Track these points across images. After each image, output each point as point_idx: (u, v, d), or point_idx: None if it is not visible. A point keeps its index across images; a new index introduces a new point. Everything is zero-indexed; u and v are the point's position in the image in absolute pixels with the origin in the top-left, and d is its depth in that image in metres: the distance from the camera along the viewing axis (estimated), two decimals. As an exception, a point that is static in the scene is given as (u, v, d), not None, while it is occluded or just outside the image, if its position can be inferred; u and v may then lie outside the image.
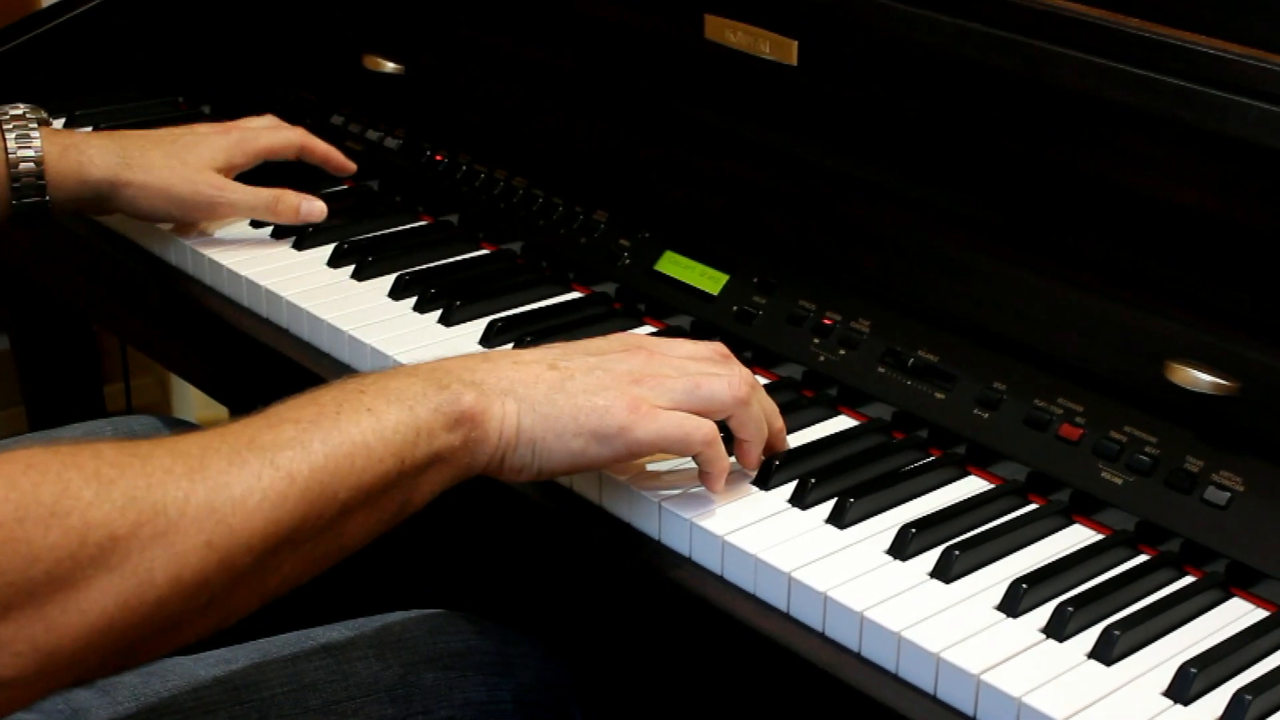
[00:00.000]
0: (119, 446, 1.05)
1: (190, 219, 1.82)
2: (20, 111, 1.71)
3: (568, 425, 1.27)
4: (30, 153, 1.68)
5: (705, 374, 1.33)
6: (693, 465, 1.36)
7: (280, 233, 1.85)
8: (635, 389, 1.29)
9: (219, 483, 1.06)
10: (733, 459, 1.37)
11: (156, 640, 1.06)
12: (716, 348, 1.40)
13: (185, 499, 1.04)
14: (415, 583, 1.42)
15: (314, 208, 1.83)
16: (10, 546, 0.96)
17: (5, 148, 1.68)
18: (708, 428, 1.31)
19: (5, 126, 1.69)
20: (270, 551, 1.09)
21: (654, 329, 1.66)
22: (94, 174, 1.72)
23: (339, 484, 1.13)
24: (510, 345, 1.59)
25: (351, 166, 1.94)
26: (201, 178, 1.77)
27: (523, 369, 1.28)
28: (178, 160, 1.77)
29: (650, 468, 1.40)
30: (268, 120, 1.91)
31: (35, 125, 1.70)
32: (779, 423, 1.40)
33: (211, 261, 1.79)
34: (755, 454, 1.37)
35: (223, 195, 1.78)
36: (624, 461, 1.33)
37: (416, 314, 1.68)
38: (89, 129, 2.08)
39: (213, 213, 1.80)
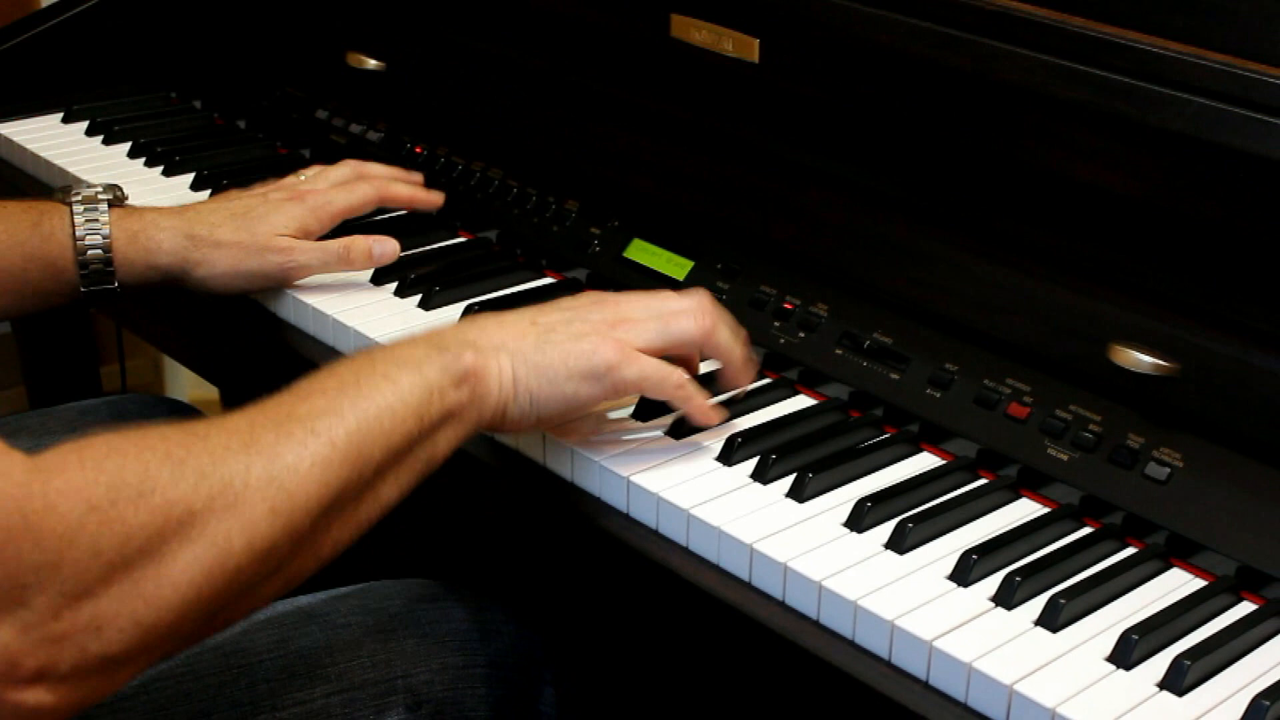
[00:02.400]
0: (179, 429, 1.07)
1: (266, 289, 1.68)
2: (93, 191, 1.61)
3: (559, 371, 1.30)
4: (98, 239, 1.58)
5: (671, 312, 1.36)
6: (657, 432, 1.40)
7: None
8: (613, 332, 1.32)
9: (273, 453, 1.09)
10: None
11: (235, 606, 1.08)
12: (671, 294, 1.42)
13: (247, 470, 1.06)
14: (397, 553, 1.41)
15: (386, 249, 1.69)
16: (108, 527, 0.98)
17: (73, 234, 1.58)
18: (679, 373, 1.35)
19: (75, 209, 1.59)
20: (323, 513, 1.11)
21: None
22: (162, 260, 1.61)
23: (373, 445, 1.15)
24: (486, 328, 1.58)
25: (439, 199, 1.81)
26: (271, 244, 1.63)
27: (508, 327, 1.31)
28: (247, 234, 1.63)
29: (612, 415, 1.43)
30: (346, 171, 1.76)
31: (105, 207, 1.60)
32: (743, 332, 1.43)
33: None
34: (742, 373, 1.42)
35: (291, 259, 1.64)
36: (610, 399, 1.35)
37: (397, 299, 1.67)
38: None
39: (285, 280, 1.66)
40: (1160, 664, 1.14)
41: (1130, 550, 1.29)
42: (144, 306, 1.95)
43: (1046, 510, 1.34)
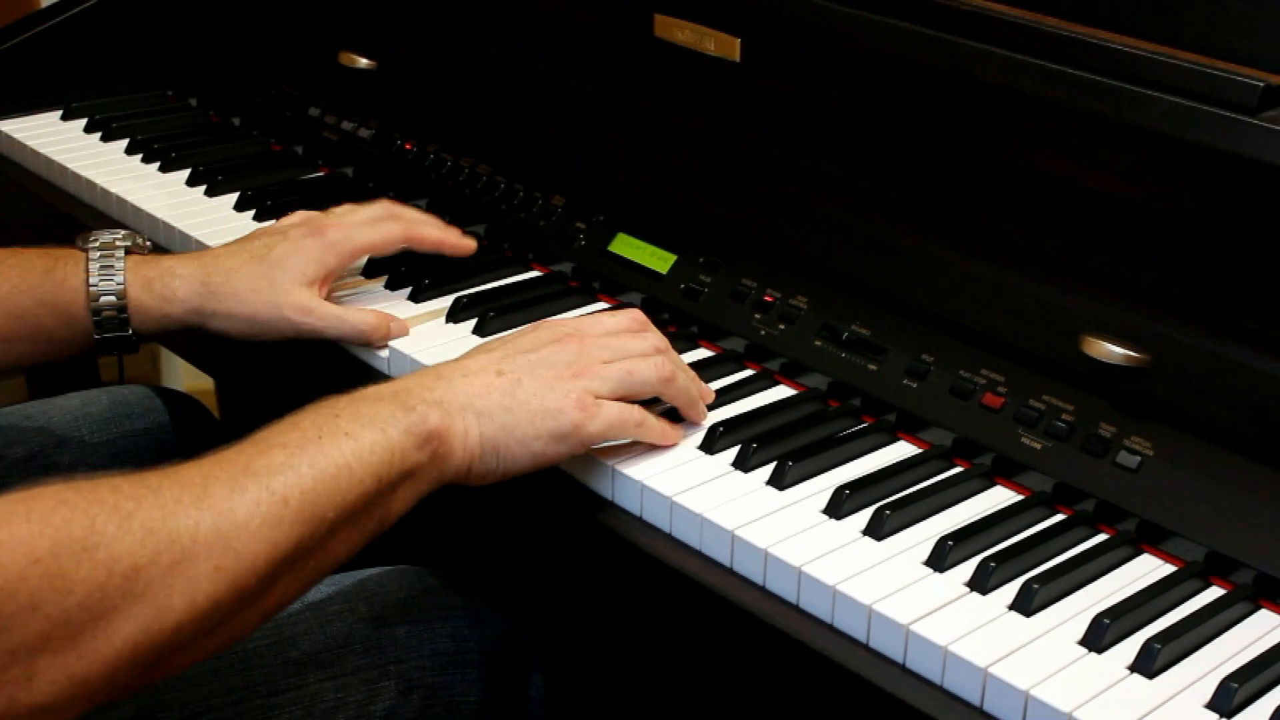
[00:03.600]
0: (131, 480, 1.05)
1: (280, 340, 1.57)
2: (111, 238, 1.55)
3: (527, 430, 1.28)
4: (111, 286, 1.50)
5: (634, 358, 1.35)
6: None
7: (262, 214, 1.82)
8: (578, 383, 1.31)
9: (223, 509, 1.06)
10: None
11: (172, 660, 1.05)
12: (634, 315, 1.42)
13: (195, 526, 1.03)
14: (389, 543, 1.41)
15: (403, 328, 1.58)
16: (49, 581, 0.96)
17: (87, 281, 1.51)
18: (637, 413, 1.34)
19: (90, 256, 1.53)
20: (271, 572, 1.08)
21: (608, 305, 1.66)
22: (177, 310, 1.53)
23: (327, 504, 1.12)
24: (474, 321, 1.59)
25: (472, 245, 1.67)
26: (288, 301, 1.53)
27: (473, 380, 1.28)
28: (266, 281, 1.53)
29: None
30: (377, 210, 1.63)
31: (122, 254, 1.53)
32: (698, 381, 1.44)
33: (199, 245, 1.76)
34: (696, 413, 1.41)
35: (308, 322, 1.54)
36: (576, 454, 1.33)
37: (388, 291, 1.67)
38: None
39: (299, 337, 1.55)
40: (1131, 647, 1.14)
41: (1102, 537, 1.29)
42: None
43: (1020, 498, 1.34)
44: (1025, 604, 1.18)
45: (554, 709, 1.49)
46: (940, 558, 1.23)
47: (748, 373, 1.52)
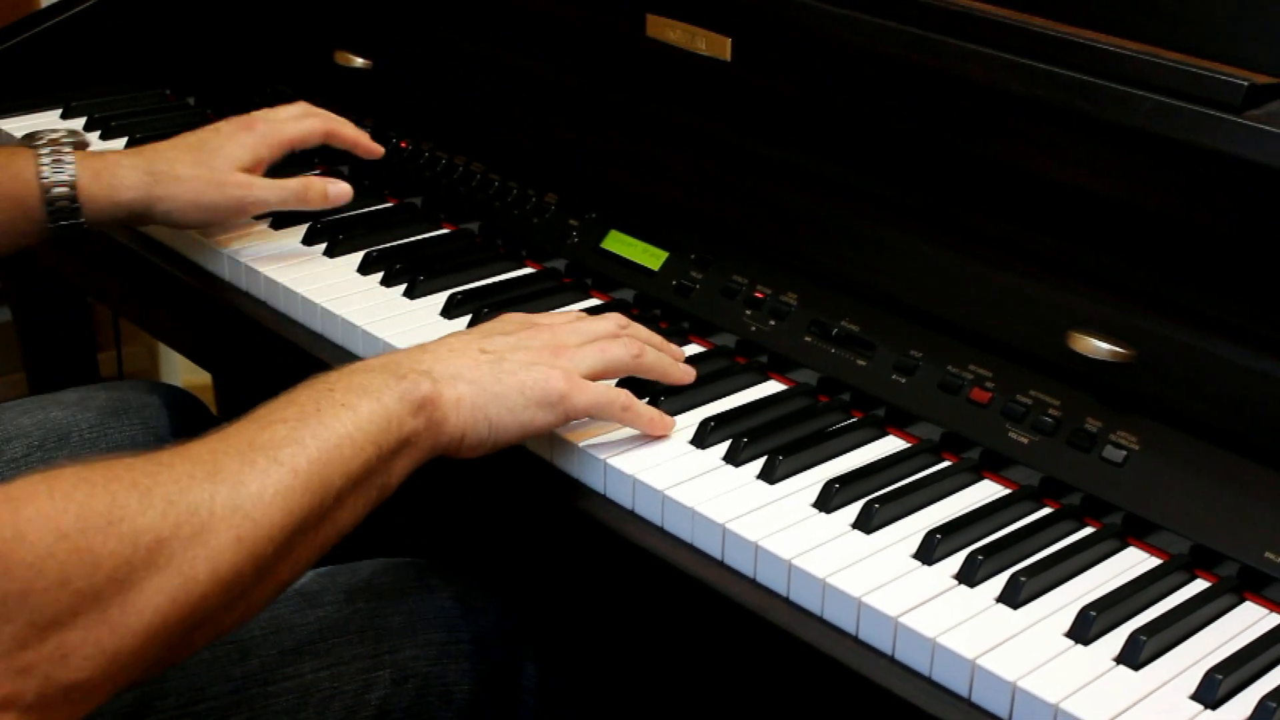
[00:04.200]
0: (144, 458, 1.06)
1: (226, 221, 1.73)
2: (57, 136, 1.64)
3: (516, 400, 1.28)
4: (64, 177, 1.59)
5: (603, 336, 1.38)
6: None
7: (261, 215, 1.82)
8: (559, 359, 1.33)
9: (236, 482, 1.07)
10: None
11: (199, 633, 1.06)
12: (580, 314, 1.45)
13: (212, 499, 1.04)
14: (384, 534, 1.41)
15: (340, 189, 1.73)
16: (76, 555, 0.96)
17: (39, 174, 1.60)
18: (623, 396, 1.36)
19: (41, 153, 1.60)
20: (286, 540, 1.09)
21: (600, 301, 1.65)
22: (125, 195, 1.63)
23: (333, 473, 1.13)
24: (469, 316, 1.59)
25: (379, 150, 1.82)
26: (230, 179, 1.66)
27: (459, 355, 1.30)
28: (205, 167, 1.65)
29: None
30: (296, 109, 1.78)
31: (69, 150, 1.62)
32: (666, 345, 1.47)
33: (195, 239, 1.76)
34: (678, 374, 1.44)
35: (250, 194, 1.67)
36: (561, 424, 1.34)
37: (384, 288, 1.66)
38: (122, 142, 2.02)
39: (244, 212, 1.70)
40: (1117, 639, 1.14)
41: (1088, 530, 1.29)
42: (139, 295, 1.94)
43: (1007, 491, 1.33)
44: (1012, 596, 1.18)
45: (548, 704, 1.49)
46: (928, 551, 1.23)
47: (739, 368, 1.51)
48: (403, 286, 1.65)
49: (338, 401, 1.17)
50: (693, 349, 1.54)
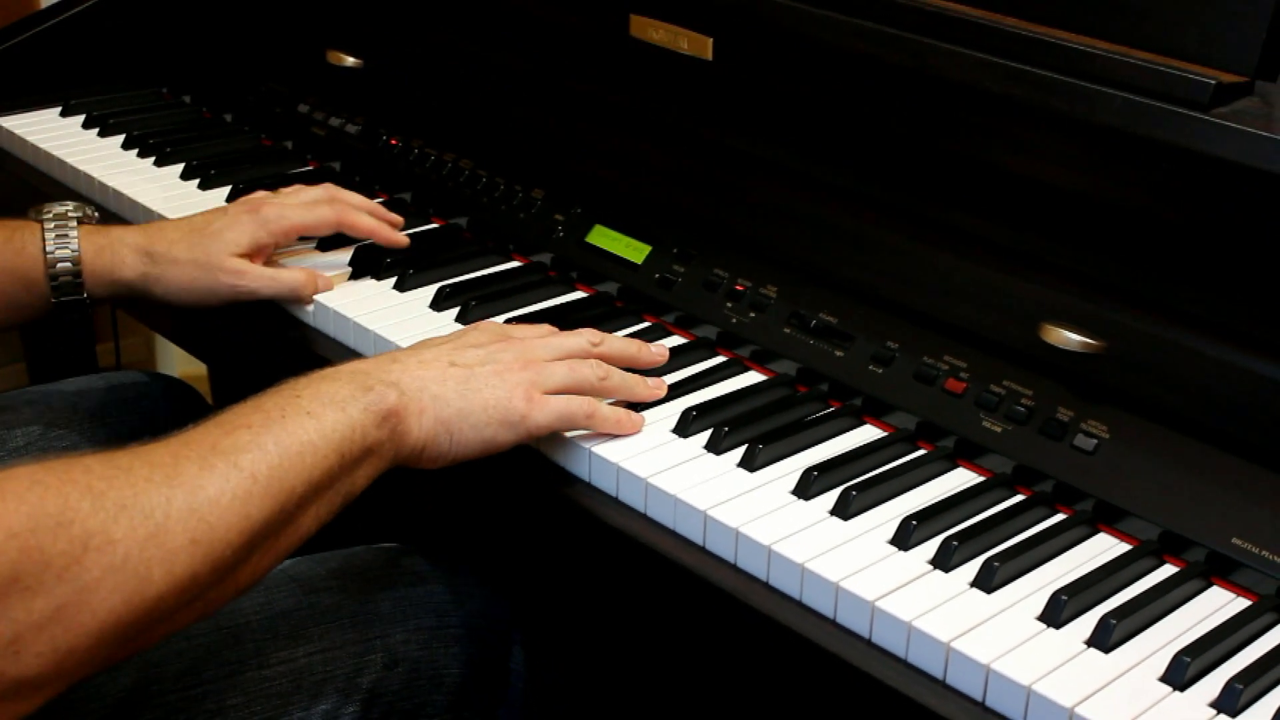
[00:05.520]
0: (102, 460, 1.04)
1: (220, 304, 1.62)
2: (64, 210, 1.61)
3: (480, 417, 1.29)
4: (67, 252, 1.57)
5: (574, 352, 1.38)
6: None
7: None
8: (525, 375, 1.32)
9: (194, 486, 1.06)
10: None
11: (152, 632, 1.05)
12: (549, 328, 1.44)
13: (168, 503, 1.03)
14: (375, 521, 1.41)
15: (329, 284, 1.64)
16: (25, 554, 0.95)
17: (44, 248, 1.57)
18: (586, 405, 1.35)
19: (46, 226, 1.58)
20: (245, 544, 1.08)
21: (584, 294, 1.65)
22: (124, 274, 1.58)
23: (294, 480, 1.12)
24: (457, 309, 1.58)
25: (404, 240, 1.70)
26: (225, 265, 1.58)
27: (428, 368, 1.29)
28: (201, 251, 1.58)
29: None
30: (312, 194, 1.69)
31: (75, 224, 1.59)
32: (645, 348, 1.47)
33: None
34: (645, 391, 1.42)
35: (241, 283, 1.59)
36: (525, 441, 1.34)
37: (374, 281, 1.66)
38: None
39: (237, 299, 1.60)
40: (1088, 623, 1.14)
41: (1060, 516, 1.29)
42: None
43: (981, 479, 1.33)
44: (986, 581, 1.18)
45: (538, 688, 1.48)
46: (904, 537, 1.23)
47: (720, 359, 1.51)
48: (393, 279, 1.65)
49: (303, 409, 1.17)
50: (675, 341, 1.54)
